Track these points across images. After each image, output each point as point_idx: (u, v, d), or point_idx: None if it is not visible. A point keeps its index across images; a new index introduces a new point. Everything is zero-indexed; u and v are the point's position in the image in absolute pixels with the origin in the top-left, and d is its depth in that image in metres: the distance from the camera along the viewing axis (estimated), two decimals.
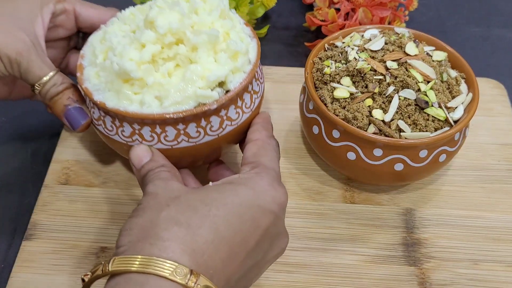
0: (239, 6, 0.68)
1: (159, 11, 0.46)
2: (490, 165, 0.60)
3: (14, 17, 0.48)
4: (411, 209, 0.56)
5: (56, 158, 0.59)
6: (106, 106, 0.45)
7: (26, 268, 0.50)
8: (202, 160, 0.51)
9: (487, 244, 0.53)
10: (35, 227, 0.53)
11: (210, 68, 0.45)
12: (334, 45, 0.57)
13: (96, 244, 0.52)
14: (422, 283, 0.50)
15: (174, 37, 0.45)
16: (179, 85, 0.45)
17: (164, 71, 0.45)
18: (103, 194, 0.56)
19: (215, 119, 0.46)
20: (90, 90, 0.47)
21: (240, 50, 0.47)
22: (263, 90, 0.52)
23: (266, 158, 0.44)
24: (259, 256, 0.40)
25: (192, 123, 0.45)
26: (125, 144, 0.47)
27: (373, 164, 0.50)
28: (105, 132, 0.48)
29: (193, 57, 0.45)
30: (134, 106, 0.45)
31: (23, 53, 0.46)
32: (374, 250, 0.53)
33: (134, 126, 0.46)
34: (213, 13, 0.47)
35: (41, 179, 0.57)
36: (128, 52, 0.44)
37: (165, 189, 0.41)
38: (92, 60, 0.49)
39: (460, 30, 0.77)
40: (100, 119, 0.48)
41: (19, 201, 0.56)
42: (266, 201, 0.40)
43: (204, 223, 0.37)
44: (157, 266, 0.35)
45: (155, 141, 0.46)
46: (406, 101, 0.49)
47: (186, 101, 0.44)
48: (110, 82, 0.46)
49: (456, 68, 0.55)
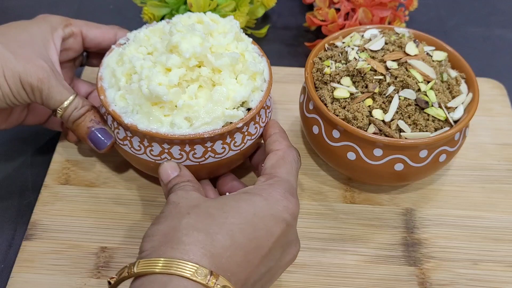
0: (239, 6, 0.68)
1: (182, 36, 0.48)
2: (490, 165, 0.60)
3: (31, 44, 0.49)
4: (411, 209, 0.56)
5: (56, 158, 0.59)
6: (138, 128, 0.47)
7: (26, 268, 0.50)
8: (221, 173, 0.54)
9: (487, 244, 0.53)
10: (35, 227, 0.53)
11: (235, 89, 0.48)
12: (334, 45, 0.57)
13: (96, 244, 0.52)
14: (422, 283, 0.50)
15: (197, 60, 0.48)
16: (207, 106, 0.47)
17: (191, 93, 0.48)
18: (103, 194, 0.56)
19: (239, 135, 0.50)
20: (118, 113, 0.48)
21: (258, 71, 0.50)
22: (272, 103, 0.55)
23: (283, 170, 0.46)
24: (272, 262, 0.42)
25: (219, 141, 0.49)
26: (153, 162, 0.49)
27: (373, 164, 0.50)
28: (131, 151, 0.50)
29: (216, 79, 0.48)
30: (165, 128, 0.47)
31: (44, 80, 0.48)
32: (374, 250, 0.53)
33: (164, 146, 0.48)
34: (228, 36, 0.51)
35: (41, 179, 0.57)
36: (156, 76, 0.46)
37: (186, 198, 0.43)
38: (112, 82, 0.50)
39: (460, 30, 0.77)
40: (126, 139, 0.50)
41: (19, 201, 0.56)
42: (278, 210, 0.42)
43: (222, 230, 0.40)
44: (179, 267, 0.37)
45: (183, 159, 0.49)
46: (406, 101, 0.49)
47: (215, 121, 0.47)
48: (138, 105, 0.48)
49: (456, 68, 0.55)
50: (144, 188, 0.57)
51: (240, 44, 0.51)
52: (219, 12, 0.67)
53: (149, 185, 0.57)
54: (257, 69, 0.50)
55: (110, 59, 0.52)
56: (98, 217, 0.54)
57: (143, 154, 0.49)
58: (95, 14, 0.78)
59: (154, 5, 0.67)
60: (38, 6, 0.79)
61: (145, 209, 0.55)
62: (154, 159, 0.49)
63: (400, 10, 0.70)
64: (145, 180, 0.57)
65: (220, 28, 0.52)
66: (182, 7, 0.68)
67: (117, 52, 0.52)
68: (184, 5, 0.68)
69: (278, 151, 0.48)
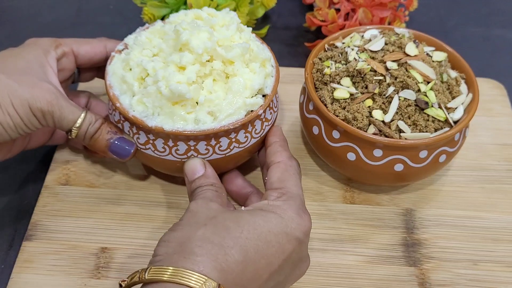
0: (239, 6, 0.68)
1: (190, 33, 0.48)
2: (490, 165, 0.60)
3: (31, 70, 0.49)
4: (411, 209, 0.56)
5: (56, 159, 0.59)
6: (164, 130, 0.47)
7: (26, 269, 0.50)
8: (241, 162, 0.55)
9: (487, 245, 0.53)
10: (36, 227, 0.53)
11: (251, 78, 0.49)
12: (334, 45, 0.57)
13: (97, 244, 0.52)
14: (422, 283, 0.50)
15: (208, 55, 0.48)
16: (228, 98, 0.48)
17: (209, 87, 0.48)
18: (103, 194, 0.56)
19: (258, 122, 0.51)
20: (139, 117, 0.48)
21: (267, 57, 0.52)
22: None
23: (291, 183, 0.47)
24: (281, 278, 0.43)
25: (242, 130, 0.49)
26: (179, 161, 0.50)
27: (373, 164, 0.50)
28: (155, 154, 0.50)
29: (229, 70, 0.49)
30: (190, 125, 0.47)
31: (53, 102, 0.47)
32: (374, 251, 0.53)
33: (190, 143, 0.48)
34: (230, 28, 0.51)
35: (41, 179, 0.57)
36: (174, 76, 0.47)
37: (205, 208, 0.44)
38: (124, 89, 0.50)
39: (460, 30, 0.77)
40: (148, 143, 0.49)
41: (19, 202, 0.56)
42: (292, 228, 0.43)
43: (236, 244, 0.40)
44: (187, 277, 0.38)
45: (210, 153, 0.49)
46: (406, 102, 0.49)
47: (238, 111, 0.48)
48: (159, 106, 0.48)
49: (456, 68, 0.55)
50: (145, 188, 0.57)
51: (243, 34, 0.52)
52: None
53: (149, 186, 0.57)
54: (266, 56, 0.51)
55: (115, 66, 0.51)
56: (98, 218, 0.54)
57: (168, 154, 0.49)
58: (95, 14, 0.78)
59: (154, 6, 0.67)
60: (38, 6, 0.79)
61: (145, 210, 0.55)
62: (180, 157, 0.49)
63: (400, 10, 0.70)
64: (145, 181, 0.57)
65: (220, 21, 0.52)
66: (182, 7, 0.68)
67: (119, 59, 0.52)
68: (184, 5, 0.68)
69: (280, 163, 0.48)
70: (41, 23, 0.76)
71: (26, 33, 0.73)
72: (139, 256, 0.51)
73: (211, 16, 0.53)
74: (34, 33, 0.56)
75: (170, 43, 0.50)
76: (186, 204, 0.55)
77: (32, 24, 0.76)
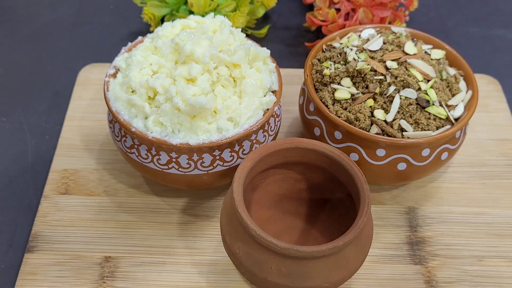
0: (239, 6, 0.67)
1: (192, 43, 0.47)
2: (488, 161, 0.60)
3: None
4: (413, 207, 0.56)
5: (54, 168, 0.58)
6: (190, 144, 0.46)
7: (30, 281, 0.49)
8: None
9: (491, 240, 0.53)
10: (37, 239, 0.52)
11: (260, 78, 0.49)
12: (332, 46, 0.57)
13: (100, 254, 0.51)
14: (428, 281, 0.50)
15: (215, 62, 0.48)
16: (244, 101, 0.48)
17: (223, 94, 0.48)
18: (104, 202, 0.55)
19: (272, 119, 0.51)
20: (161, 138, 0.46)
21: (266, 55, 0.51)
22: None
23: None
24: None
25: (260, 130, 0.50)
26: (205, 173, 0.49)
27: (376, 164, 0.50)
28: (179, 172, 0.49)
29: (235, 74, 0.49)
30: (214, 135, 0.47)
31: None
32: (379, 250, 0.53)
33: (215, 154, 0.48)
34: (224, 31, 0.51)
35: (42, 182, 0.57)
36: (188, 90, 0.46)
37: None
38: (133, 112, 0.48)
39: (460, 30, 0.77)
40: (171, 162, 0.48)
41: (20, 201, 0.56)
42: None
43: None
44: None
45: (234, 159, 0.49)
46: (407, 101, 0.50)
47: (256, 112, 0.48)
48: (178, 123, 0.47)
49: (454, 65, 0.55)
50: (146, 195, 0.56)
51: (236, 36, 0.52)
52: (220, 12, 0.67)
53: (151, 192, 0.56)
54: (266, 53, 0.51)
55: (115, 91, 0.49)
56: (100, 226, 0.53)
57: (194, 169, 0.48)
58: (95, 14, 0.77)
59: (155, 5, 0.67)
60: (38, 6, 0.78)
61: (148, 217, 0.54)
62: (206, 169, 0.49)
63: (400, 10, 0.70)
64: (146, 187, 0.57)
65: (211, 26, 0.51)
66: (183, 7, 0.67)
67: (117, 83, 0.50)
68: (185, 5, 0.67)
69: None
70: (41, 23, 0.75)
71: (26, 33, 0.72)
72: (144, 264, 0.51)
73: (200, 24, 0.52)
74: (34, 33, 0.54)
75: (169, 57, 0.49)
76: (188, 210, 0.55)
77: (32, 24, 0.75)
